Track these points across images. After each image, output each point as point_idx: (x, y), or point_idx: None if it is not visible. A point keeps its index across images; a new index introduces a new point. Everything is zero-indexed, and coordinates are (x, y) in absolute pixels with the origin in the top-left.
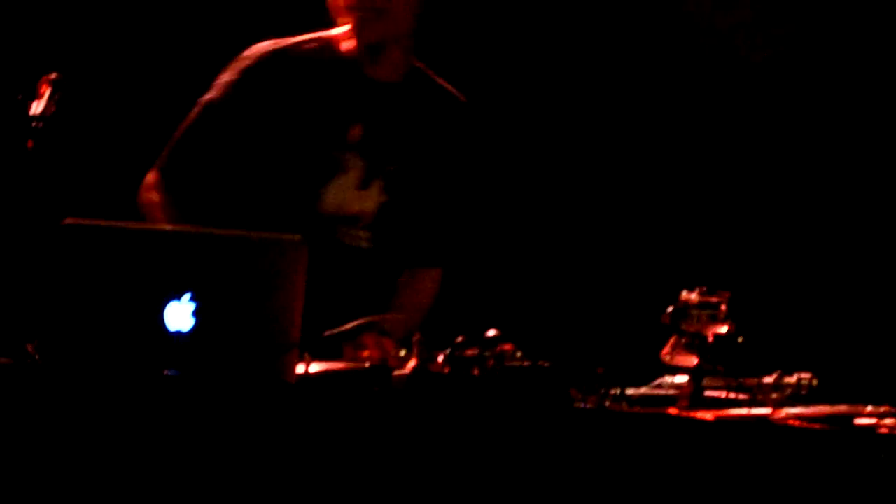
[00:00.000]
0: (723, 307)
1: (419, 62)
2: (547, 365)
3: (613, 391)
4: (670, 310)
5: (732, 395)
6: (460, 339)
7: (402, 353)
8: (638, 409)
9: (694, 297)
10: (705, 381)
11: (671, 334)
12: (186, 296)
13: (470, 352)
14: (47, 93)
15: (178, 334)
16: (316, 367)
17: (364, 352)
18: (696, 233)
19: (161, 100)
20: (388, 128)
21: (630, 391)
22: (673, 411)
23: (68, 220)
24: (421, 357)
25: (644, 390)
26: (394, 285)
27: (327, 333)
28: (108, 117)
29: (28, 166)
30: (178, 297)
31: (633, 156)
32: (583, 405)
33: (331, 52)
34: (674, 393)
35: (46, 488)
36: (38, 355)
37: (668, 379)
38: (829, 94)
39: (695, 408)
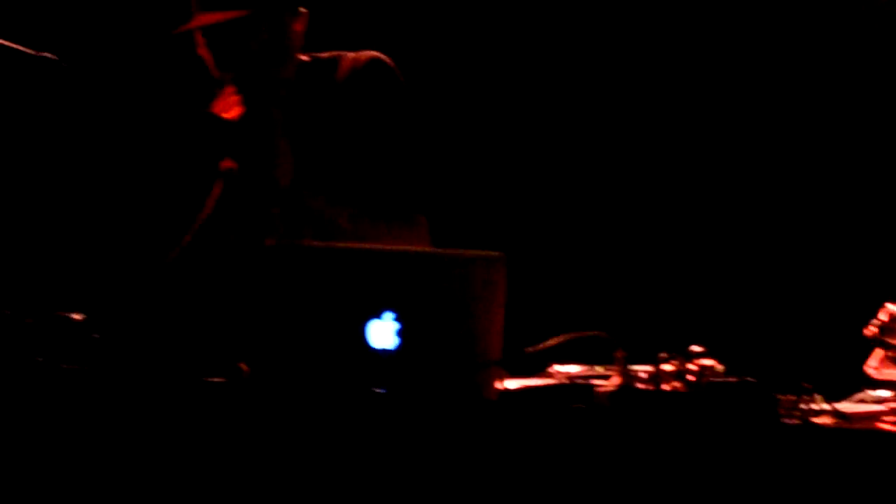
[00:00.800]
0: None
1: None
2: (753, 380)
3: (819, 406)
4: (874, 322)
5: None
6: (663, 354)
7: (603, 369)
8: (845, 424)
9: None
10: None
11: (874, 347)
12: (389, 314)
13: (673, 367)
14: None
15: (382, 352)
16: (514, 384)
17: None
18: None
19: None
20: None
21: (837, 405)
22: (884, 427)
23: (271, 240)
24: (624, 373)
25: (847, 405)
26: None
27: (529, 350)
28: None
29: (232, 188)
30: (380, 315)
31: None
32: (789, 421)
33: None
34: (879, 408)
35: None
36: (250, 373)
37: (869, 393)
38: None
39: None
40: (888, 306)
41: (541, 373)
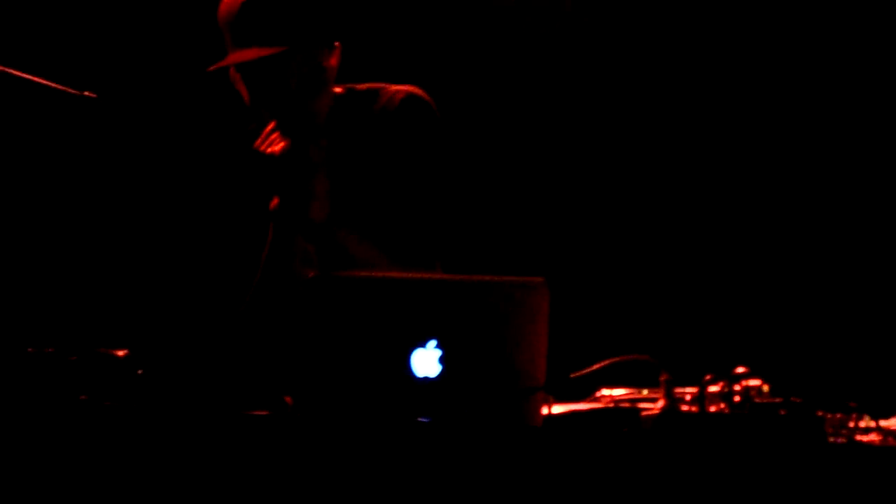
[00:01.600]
0: None
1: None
2: (798, 400)
3: (865, 424)
4: None
5: None
6: (708, 376)
7: (648, 392)
8: (892, 442)
9: None
10: None
11: None
12: (432, 342)
13: (718, 388)
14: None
15: (426, 380)
16: (560, 409)
17: None
18: None
19: None
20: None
21: (883, 423)
22: None
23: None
24: (669, 396)
25: (894, 422)
26: None
27: (574, 375)
28: None
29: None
30: (424, 344)
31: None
32: (835, 440)
33: None
34: None
35: None
36: (295, 407)
37: None
38: None
39: None
40: None
41: (588, 397)
